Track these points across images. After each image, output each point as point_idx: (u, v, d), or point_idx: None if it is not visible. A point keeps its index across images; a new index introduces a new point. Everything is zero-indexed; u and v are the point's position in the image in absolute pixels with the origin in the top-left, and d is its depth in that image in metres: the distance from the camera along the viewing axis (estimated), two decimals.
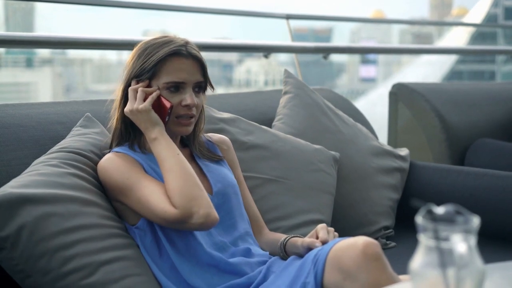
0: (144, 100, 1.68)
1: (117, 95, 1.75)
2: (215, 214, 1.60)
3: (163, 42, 1.70)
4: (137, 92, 1.69)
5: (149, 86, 1.70)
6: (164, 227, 1.66)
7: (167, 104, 1.69)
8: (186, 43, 1.71)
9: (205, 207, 1.58)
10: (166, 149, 1.65)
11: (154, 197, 1.60)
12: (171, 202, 1.58)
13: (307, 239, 1.65)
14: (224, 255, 1.68)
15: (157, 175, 1.68)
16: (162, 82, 1.69)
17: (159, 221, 1.62)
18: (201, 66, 1.73)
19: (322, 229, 1.66)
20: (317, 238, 1.65)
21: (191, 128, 1.74)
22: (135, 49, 1.74)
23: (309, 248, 1.62)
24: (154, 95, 1.68)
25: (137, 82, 1.70)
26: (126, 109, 1.69)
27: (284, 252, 1.74)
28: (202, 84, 1.74)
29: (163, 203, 1.59)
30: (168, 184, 1.61)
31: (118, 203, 1.69)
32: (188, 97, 1.69)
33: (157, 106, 1.69)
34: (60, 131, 1.88)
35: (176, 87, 1.70)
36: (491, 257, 1.31)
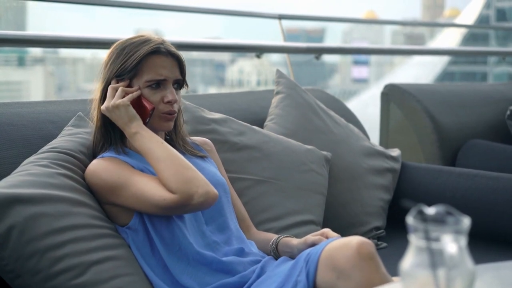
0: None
1: (95, 94, 1.75)
2: (213, 190, 1.60)
3: (141, 41, 1.71)
4: (116, 91, 1.69)
5: (129, 86, 1.70)
6: (156, 226, 1.65)
7: (149, 106, 1.68)
8: (163, 42, 1.73)
9: (203, 185, 1.59)
10: (149, 140, 1.65)
11: (149, 188, 1.60)
12: (167, 189, 1.58)
13: (312, 237, 1.67)
14: (217, 254, 1.68)
15: (148, 172, 1.68)
16: (144, 80, 1.69)
17: (158, 210, 1.61)
18: (180, 64, 1.74)
19: (333, 234, 1.67)
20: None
21: (172, 124, 1.75)
22: (112, 49, 1.74)
23: (309, 246, 1.63)
24: (135, 94, 1.68)
25: (117, 82, 1.70)
26: (103, 106, 1.69)
27: (276, 251, 1.74)
28: (180, 82, 1.75)
29: (159, 191, 1.59)
30: (160, 173, 1.61)
31: (110, 206, 1.68)
32: (169, 94, 1.71)
33: (137, 107, 1.69)
34: (51, 130, 1.87)
35: (157, 84, 1.70)
36: (481, 258, 1.31)
